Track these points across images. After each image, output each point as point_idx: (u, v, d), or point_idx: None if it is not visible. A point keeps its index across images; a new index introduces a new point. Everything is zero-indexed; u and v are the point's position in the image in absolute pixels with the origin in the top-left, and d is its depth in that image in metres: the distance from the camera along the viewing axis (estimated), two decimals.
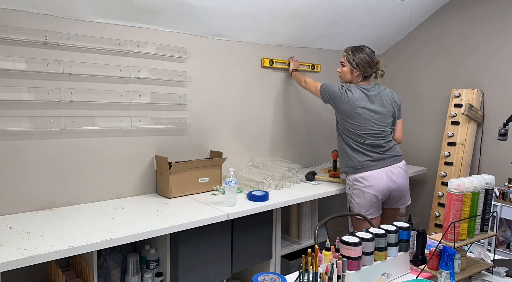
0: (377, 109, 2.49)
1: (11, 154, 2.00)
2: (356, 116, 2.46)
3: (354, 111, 2.45)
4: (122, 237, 1.74)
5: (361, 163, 2.47)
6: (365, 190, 2.45)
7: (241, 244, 2.29)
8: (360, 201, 2.47)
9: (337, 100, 2.52)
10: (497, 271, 1.67)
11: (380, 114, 2.49)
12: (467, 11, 3.24)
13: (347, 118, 2.49)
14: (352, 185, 2.51)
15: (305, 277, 1.34)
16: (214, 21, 2.55)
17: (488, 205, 1.62)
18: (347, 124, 2.50)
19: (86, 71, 2.17)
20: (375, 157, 2.46)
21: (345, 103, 2.48)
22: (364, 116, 2.46)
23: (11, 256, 1.49)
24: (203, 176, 2.50)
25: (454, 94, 3.23)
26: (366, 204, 2.46)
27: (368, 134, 2.47)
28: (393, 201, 2.55)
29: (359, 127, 2.47)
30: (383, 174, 2.46)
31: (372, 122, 2.47)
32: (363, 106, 2.46)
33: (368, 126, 2.46)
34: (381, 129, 2.49)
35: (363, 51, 2.51)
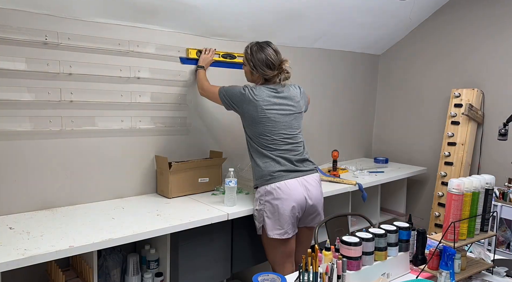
0: (287, 111, 2.19)
1: (11, 154, 2.00)
2: (265, 120, 2.12)
3: (261, 114, 2.12)
4: (122, 237, 1.75)
5: (273, 173, 2.11)
6: (279, 204, 2.08)
7: (241, 244, 2.29)
8: (274, 218, 2.10)
9: (241, 103, 2.16)
10: (497, 271, 1.67)
11: (291, 116, 2.20)
12: (467, 11, 3.24)
13: (255, 122, 2.14)
14: (263, 199, 2.12)
15: (305, 277, 1.34)
16: (214, 21, 2.55)
17: (488, 205, 1.62)
18: (255, 129, 2.15)
19: (86, 71, 2.17)
20: (288, 166, 2.14)
21: (251, 105, 2.13)
22: (274, 119, 2.13)
23: (11, 256, 1.50)
24: (203, 176, 2.50)
25: (454, 94, 3.23)
26: (281, 220, 2.09)
27: (279, 140, 2.15)
28: (309, 217, 2.22)
29: (270, 132, 2.13)
30: (299, 184, 2.13)
31: (284, 125, 2.16)
32: (272, 108, 2.13)
33: (280, 130, 2.15)
34: (293, 134, 2.20)
35: (263, 51, 2.17)
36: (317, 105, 3.45)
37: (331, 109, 3.58)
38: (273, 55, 2.17)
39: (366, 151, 3.98)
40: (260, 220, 2.17)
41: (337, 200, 3.06)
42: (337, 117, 3.64)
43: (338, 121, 3.65)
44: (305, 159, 2.22)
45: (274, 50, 2.19)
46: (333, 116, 3.60)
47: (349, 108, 3.73)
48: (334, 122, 3.62)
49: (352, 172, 3.20)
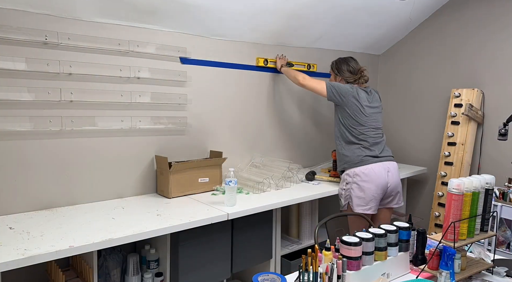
0: (376, 110, 2.67)
1: (11, 154, 2.00)
2: (362, 114, 2.59)
3: (360, 109, 2.59)
4: (122, 237, 1.74)
5: (362, 158, 2.55)
6: (365, 185, 2.49)
7: (241, 244, 2.29)
8: (360, 195, 2.50)
9: (348, 95, 2.60)
10: (497, 271, 1.67)
11: (378, 113, 2.68)
12: (467, 11, 3.24)
13: (353, 115, 2.59)
14: (351, 180, 2.55)
15: (305, 277, 1.34)
16: (214, 21, 2.55)
17: (488, 205, 1.62)
18: (354, 120, 2.60)
19: (86, 71, 2.17)
20: (374, 153, 2.57)
21: (354, 100, 2.60)
22: (369, 114, 2.61)
23: (11, 256, 1.49)
24: (203, 176, 2.50)
25: (454, 94, 3.23)
26: (366, 198, 2.49)
27: (370, 131, 2.60)
28: (388, 199, 2.60)
29: (364, 123, 2.59)
30: (382, 169, 2.53)
31: (374, 119, 2.63)
32: (367, 105, 2.62)
33: (371, 123, 2.61)
34: (379, 127, 2.67)
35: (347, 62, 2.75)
36: (317, 105, 3.45)
37: (331, 109, 3.58)
38: (354, 64, 2.73)
39: None
40: (346, 197, 2.57)
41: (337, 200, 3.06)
42: None
43: None
44: (386, 149, 2.66)
45: (355, 61, 2.76)
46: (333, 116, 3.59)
47: None
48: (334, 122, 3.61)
49: None
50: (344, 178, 2.62)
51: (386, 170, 2.55)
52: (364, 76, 2.74)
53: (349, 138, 2.60)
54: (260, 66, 2.99)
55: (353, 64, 2.73)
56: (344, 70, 2.72)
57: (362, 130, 2.59)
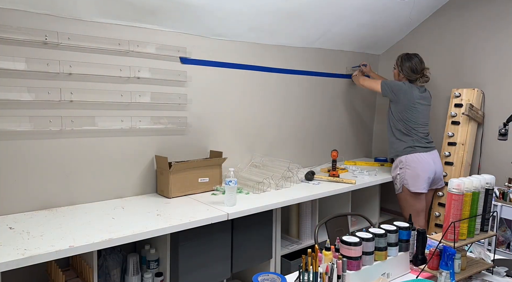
0: (426, 107, 2.99)
1: (11, 154, 2.00)
2: (413, 110, 2.92)
3: (412, 105, 2.91)
4: (122, 237, 1.74)
5: (414, 148, 2.92)
6: (417, 168, 2.88)
7: (241, 244, 2.29)
8: (414, 176, 2.88)
9: (399, 93, 2.92)
10: (497, 271, 1.67)
11: (427, 111, 3.01)
12: (467, 11, 3.24)
13: (407, 109, 2.92)
14: (404, 165, 2.93)
15: (305, 277, 1.34)
16: (214, 21, 2.55)
17: (488, 205, 1.62)
18: (405, 115, 2.93)
19: (86, 71, 2.17)
20: (423, 144, 2.94)
21: (407, 95, 2.91)
22: (419, 110, 2.93)
23: (11, 256, 1.49)
24: (203, 175, 2.50)
25: (454, 94, 3.23)
26: (419, 180, 2.87)
27: (421, 125, 2.95)
28: (434, 181, 2.99)
29: (415, 118, 2.93)
30: (430, 158, 2.92)
31: (423, 115, 2.96)
32: (419, 102, 2.93)
33: (421, 118, 2.95)
34: (427, 122, 3.01)
35: (411, 60, 2.98)
36: (317, 105, 3.45)
37: (331, 109, 3.58)
38: (418, 64, 2.97)
39: (366, 151, 3.98)
40: (401, 180, 2.96)
41: (337, 200, 3.07)
42: (337, 117, 3.64)
43: (338, 121, 3.66)
44: (431, 140, 3.03)
45: (419, 60, 2.99)
46: (333, 116, 3.60)
47: (349, 108, 3.74)
48: (334, 122, 3.62)
49: (352, 171, 3.21)
50: (396, 164, 3.00)
51: (432, 158, 2.93)
52: (425, 77, 2.99)
53: (402, 130, 2.96)
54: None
55: (417, 63, 2.95)
56: (406, 67, 2.96)
57: (413, 125, 2.92)
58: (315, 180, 2.88)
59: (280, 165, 2.87)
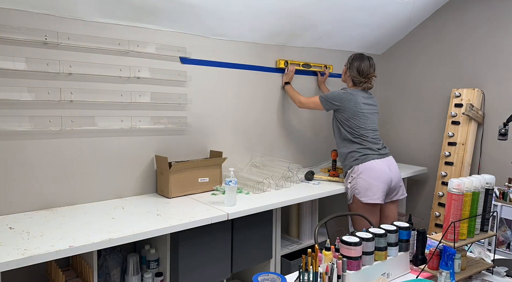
0: (373, 111, 2.75)
1: (11, 153, 2.00)
2: (360, 115, 2.67)
3: (359, 109, 2.67)
4: (122, 237, 1.74)
5: (366, 155, 2.65)
6: (370, 178, 2.60)
7: (241, 244, 2.29)
8: (366, 186, 2.60)
9: (343, 101, 2.69)
10: (497, 271, 1.67)
11: (375, 115, 2.76)
12: (467, 11, 3.24)
13: (354, 116, 2.67)
14: (356, 175, 2.64)
15: (305, 277, 1.34)
16: (214, 21, 2.55)
17: (488, 205, 1.62)
18: (353, 121, 2.68)
19: (86, 71, 2.17)
20: (376, 150, 2.68)
21: (351, 102, 2.67)
22: (366, 115, 2.69)
23: (11, 256, 1.49)
24: (203, 175, 2.50)
25: (454, 94, 3.23)
26: (373, 189, 2.58)
27: (370, 131, 2.69)
28: (392, 193, 2.73)
29: (364, 124, 2.68)
30: (384, 165, 2.65)
31: (371, 121, 2.72)
32: (366, 103, 2.71)
33: (371, 123, 2.71)
34: (376, 128, 2.76)
35: (362, 61, 2.75)
36: None
37: None
38: (366, 67, 2.74)
39: None
40: (352, 190, 2.67)
41: (337, 200, 3.07)
42: None
43: None
44: (385, 146, 2.77)
45: (370, 64, 2.76)
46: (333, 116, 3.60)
47: None
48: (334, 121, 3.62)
49: None
50: (348, 173, 2.71)
51: (388, 165, 2.66)
52: (369, 83, 2.77)
53: (351, 139, 2.69)
54: (280, 67, 3.08)
55: (365, 65, 2.74)
56: (354, 66, 2.75)
57: (362, 131, 2.67)
58: (315, 180, 2.88)
59: (280, 165, 2.87)
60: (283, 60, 3.07)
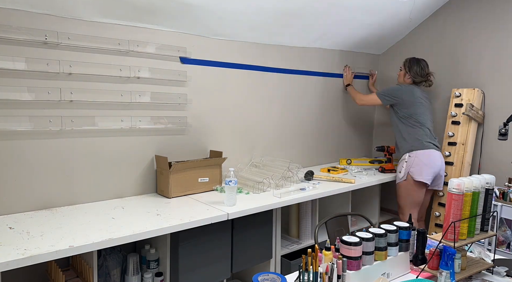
0: (428, 105, 3.07)
1: (11, 153, 2.00)
2: (419, 105, 2.99)
3: (417, 100, 2.99)
4: (122, 237, 1.74)
5: (428, 142, 2.96)
6: (427, 161, 2.90)
7: (241, 244, 2.29)
8: (422, 166, 2.89)
9: (400, 94, 3.01)
10: (497, 271, 1.66)
11: (430, 110, 3.08)
12: (467, 10, 3.24)
13: (414, 106, 2.99)
14: (415, 157, 2.93)
15: (305, 277, 1.34)
16: (214, 21, 2.55)
17: (488, 205, 1.62)
18: (414, 111, 2.99)
19: (86, 71, 2.17)
20: (432, 141, 2.99)
21: (408, 94, 3.00)
22: (425, 106, 3.02)
23: (11, 256, 1.50)
24: (203, 175, 2.50)
25: (454, 94, 3.23)
26: (426, 170, 2.89)
27: (429, 121, 3.02)
28: (437, 181, 3.01)
29: (424, 114, 3.00)
30: (438, 155, 2.97)
31: (430, 112, 3.06)
32: (421, 96, 3.02)
33: (428, 114, 3.04)
34: (432, 120, 3.08)
35: (419, 63, 3.09)
36: (317, 105, 3.45)
37: (331, 109, 3.58)
38: (425, 69, 3.09)
39: (366, 151, 3.98)
40: (406, 168, 2.95)
41: (337, 199, 3.07)
42: (337, 117, 3.64)
43: (338, 121, 3.66)
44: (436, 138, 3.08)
45: (427, 66, 3.10)
46: (333, 116, 3.60)
47: (349, 108, 3.73)
48: (334, 122, 3.62)
49: (351, 171, 3.21)
50: (406, 156, 2.98)
51: (441, 157, 2.98)
52: (430, 81, 3.11)
53: (411, 126, 2.99)
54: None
55: (424, 67, 3.07)
56: (414, 70, 3.06)
57: (422, 119, 2.97)
58: (315, 180, 2.88)
59: (280, 165, 2.87)
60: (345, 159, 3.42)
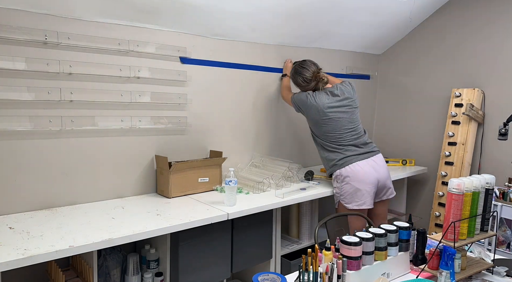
0: (344, 108, 2.56)
1: (11, 153, 2.00)
2: (328, 121, 2.54)
3: (324, 116, 2.54)
4: (122, 237, 1.74)
5: (345, 158, 2.53)
6: (355, 182, 2.48)
7: (241, 244, 2.29)
8: (352, 192, 2.49)
9: (306, 107, 2.60)
10: (497, 271, 1.67)
11: (348, 112, 2.57)
12: (467, 10, 3.24)
13: (321, 123, 2.57)
14: (341, 180, 2.53)
15: (305, 277, 1.34)
16: (214, 21, 2.55)
17: (488, 205, 1.62)
18: (323, 128, 2.58)
19: (86, 70, 2.17)
20: (356, 152, 2.55)
21: (313, 109, 2.56)
22: (336, 118, 2.54)
23: (11, 256, 1.50)
24: (203, 175, 2.50)
25: (454, 94, 3.23)
26: (359, 194, 2.48)
27: (344, 133, 2.55)
28: (381, 193, 2.63)
29: (334, 130, 2.55)
30: (368, 165, 2.53)
31: (345, 119, 2.55)
32: (332, 106, 2.54)
33: (344, 124, 2.55)
34: (353, 126, 2.58)
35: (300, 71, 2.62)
36: None
37: None
38: (307, 73, 2.59)
39: None
40: (337, 197, 2.57)
41: None
42: None
43: None
44: (368, 142, 2.60)
45: (307, 69, 2.60)
46: None
47: None
48: None
49: None
50: (333, 178, 2.62)
51: (372, 166, 2.53)
52: (322, 80, 2.60)
53: (325, 144, 2.61)
54: None
55: (305, 72, 2.60)
56: (299, 82, 2.64)
57: (333, 136, 2.56)
58: (315, 180, 2.88)
59: (280, 164, 2.87)
60: None
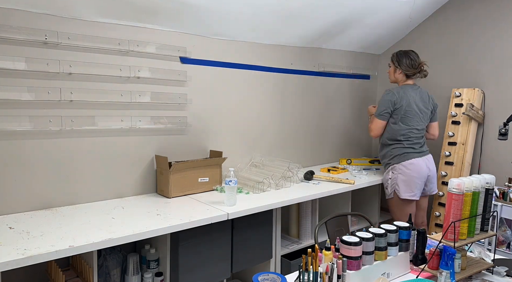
0: (422, 109, 2.83)
1: (11, 153, 2.00)
2: (410, 113, 2.79)
3: (409, 108, 2.79)
4: (122, 237, 1.74)
5: (406, 153, 2.80)
6: (409, 174, 2.76)
7: (241, 244, 2.29)
8: (406, 183, 2.77)
9: (396, 103, 2.79)
10: (497, 271, 1.66)
11: (423, 113, 2.84)
12: (467, 10, 3.24)
13: (404, 114, 2.79)
14: (398, 169, 2.81)
15: (305, 277, 1.34)
16: (214, 21, 2.55)
17: (488, 205, 1.62)
18: (401, 120, 2.80)
19: (86, 70, 2.17)
20: (416, 149, 2.82)
21: (403, 100, 2.78)
22: (415, 113, 2.80)
23: (11, 256, 1.49)
24: (203, 175, 2.50)
25: (454, 94, 3.23)
26: (412, 186, 2.76)
27: (414, 130, 2.81)
28: (427, 187, 2.88)
29: (409, 124, 2.80)
30: (423, 162, 2.81)
31: (419, 118, 2.82)
32: (415, 102, 2.80)
33: (416, 122, 2.82)
34: (422, 127, 2.86)
35: (408, 55, 2.86)
36: (317, 105, 3.45)
37: (331, 109, 3.58)
38: (416, 59, 2.86)
39: (365, 151, 3.98)
40: (392, 186, 2.84)
41: (337, 199, 3.07)
42: (337, 117, 3.64)
43: (338, 121, 3.65)
44: (425, 145, 2.90)
45: (415, 54, 2.88)
46: (333, 116, 3.60)
47: (349, 108, 3.73)
48: (334, 122, 3.62)
49: (351, 171, 3.21)
50: (389, 169, 2.88)
51: (426, 163, 2.81)
52: (424, 71, 2.87)
53: (395, 137, 2.83)
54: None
55: (414, 57, 2.85)
56: (404, 63, 2.85)
57: (405, 131, 2.80)
58: (315, 180, 2.88)
59: (280, 164, 2.87)
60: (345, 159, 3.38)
